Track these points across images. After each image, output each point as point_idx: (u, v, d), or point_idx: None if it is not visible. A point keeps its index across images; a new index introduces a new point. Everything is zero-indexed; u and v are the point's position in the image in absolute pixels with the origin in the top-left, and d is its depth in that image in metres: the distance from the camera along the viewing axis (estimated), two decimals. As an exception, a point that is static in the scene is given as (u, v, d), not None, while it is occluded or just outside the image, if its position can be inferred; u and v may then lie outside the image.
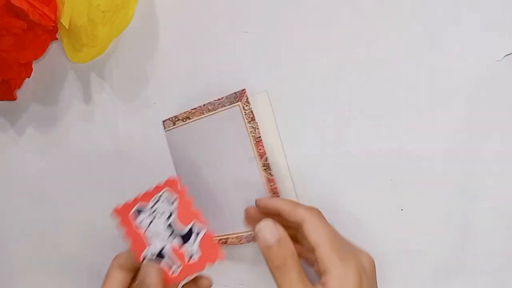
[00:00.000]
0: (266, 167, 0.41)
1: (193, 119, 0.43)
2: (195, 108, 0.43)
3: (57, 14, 0.40)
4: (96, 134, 0.47)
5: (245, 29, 0.44)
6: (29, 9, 0.38)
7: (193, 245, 0.33)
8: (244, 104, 0.41)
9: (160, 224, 0.34)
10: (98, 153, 0.47)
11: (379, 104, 0.43)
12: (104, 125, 0.47)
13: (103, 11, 0.41)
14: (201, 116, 0.43)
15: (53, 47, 0.47)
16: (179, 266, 0.34)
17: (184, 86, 0.45)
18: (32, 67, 0.47)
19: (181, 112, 0.44)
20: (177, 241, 0.34)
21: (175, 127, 0.44)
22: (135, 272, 0.36)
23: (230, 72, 0.45)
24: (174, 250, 0.34)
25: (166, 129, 0.45)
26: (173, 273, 0.34)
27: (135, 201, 0.35)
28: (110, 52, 0.46)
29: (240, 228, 0.43)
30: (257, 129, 0.41)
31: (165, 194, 0.35)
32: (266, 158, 0.41)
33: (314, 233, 0.34)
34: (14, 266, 0.50)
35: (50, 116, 0.48)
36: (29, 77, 0.47)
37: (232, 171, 0.42)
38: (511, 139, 0.41)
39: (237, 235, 0.43)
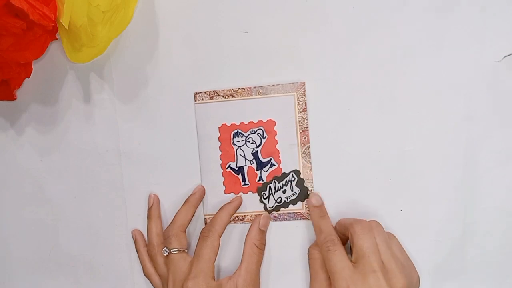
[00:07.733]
0: (306, 154, 0.44)
1: (237, 98, 0.44)
2: (242, 88, 0.44)
3: (57, 14, 0.40)
4: (96, 134, 0.47)
5: (245, 29, 0.44)
6: (28, 9, 0.38)
7: (266, 171, 0.45)
8: (300, 95, 0.43)
9: (248, 149, 0.45)
10: (98, 153, 0.47)
11: (379, 104, 0.43)
12: (104, 125, 0.47)
13: (102, 11, 0.41)
14: (248, 97, 0.44)
15: (53, 47, 0.47)
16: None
17: (184, 86, 0.45)
18: (32, 67, 0.47)
19: (222, 89, 0.45)
20: (254, 165, 0.45)
21: (211, 102, 0.45)
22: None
23: (230, 72, 0.45)
24: (251, 170, 0.45)
25: (196, 102, 0.45)
26: (244, 185, 0.45)
27: (239, 125, 0.45)
28: (110, 52, 0.46)
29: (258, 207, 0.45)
30: (306, 119, 0.44)
31: (260, 130, 0.44)
32: (308, 147, 0.44)
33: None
34: (14, 266, 0.50)
35: (50, 116, 0.48)
36: (29, 77, 0.47)
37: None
38: (510, 139, 0.41)
39: (256, 213, 0.45)
